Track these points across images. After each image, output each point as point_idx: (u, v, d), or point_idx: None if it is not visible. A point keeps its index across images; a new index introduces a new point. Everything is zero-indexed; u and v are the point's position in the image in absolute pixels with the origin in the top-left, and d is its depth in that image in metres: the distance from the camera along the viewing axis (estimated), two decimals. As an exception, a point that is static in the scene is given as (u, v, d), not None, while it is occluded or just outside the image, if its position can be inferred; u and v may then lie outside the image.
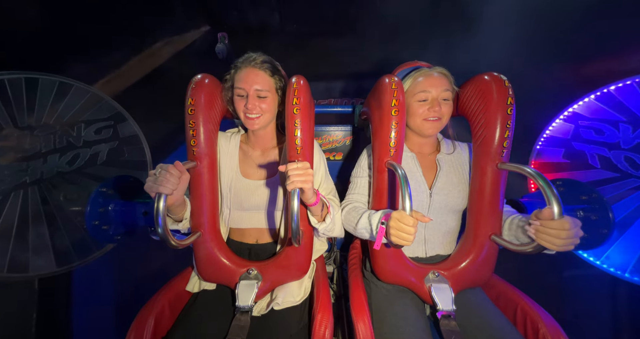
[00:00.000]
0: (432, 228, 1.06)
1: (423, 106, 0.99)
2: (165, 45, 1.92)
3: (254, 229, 1.11)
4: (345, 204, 1.07)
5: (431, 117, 0.99)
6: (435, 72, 0.99)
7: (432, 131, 1.01)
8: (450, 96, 1.00)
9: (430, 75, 0.99)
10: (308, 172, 0.82)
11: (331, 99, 2.17)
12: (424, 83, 0.99)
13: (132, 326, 0.89)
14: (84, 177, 1.61)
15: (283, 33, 1.94)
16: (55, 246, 1.46)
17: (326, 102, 2.14)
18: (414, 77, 1.02)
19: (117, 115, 1.73)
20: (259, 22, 1.85)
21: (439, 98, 0.98)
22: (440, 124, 1.00)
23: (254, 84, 0.97)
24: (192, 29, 1.92)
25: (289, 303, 1.00)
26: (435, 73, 0.99)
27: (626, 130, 1.60)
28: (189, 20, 1.90)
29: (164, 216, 0.77)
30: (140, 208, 1.39)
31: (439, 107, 0.97)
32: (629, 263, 1.50)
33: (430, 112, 0.98)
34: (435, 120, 0.99)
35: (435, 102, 0.98)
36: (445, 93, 0.98)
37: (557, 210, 0.73)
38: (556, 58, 1.81)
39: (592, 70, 1.74)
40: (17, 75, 1.44)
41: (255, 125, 1.01)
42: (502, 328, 0.89)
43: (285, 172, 0.82)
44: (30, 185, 1.45)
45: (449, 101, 1.00)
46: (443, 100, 0.98)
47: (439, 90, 0.97)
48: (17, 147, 1.44)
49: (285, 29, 1.90)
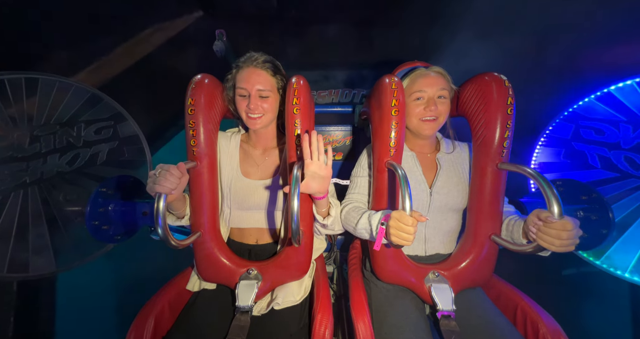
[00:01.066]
0: (432, 227, 1.06)
1: (419, 105, 0.99)
2: (155, 32, 1.79)
3: (254, 229, 1.11)
4: (345, 203, 1.07)
5: (427, 117, 0.99)
6: (432, 72, 1.00)
7: (429, 131, 1.01)
8: (447, 95, 1.00)
9: (427, 75, 0.99)
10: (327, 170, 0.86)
11: (331, 89, 2.09)
12: (420, 83, 0.99)
13: (132, 326, 0.89)
14: (84, 177, 1.61)
15: (281, 19, 1.81)
16: (55, 246, 1.46)
17: (326, 93, 2.07)
18: (411, 78, 1.02)
19: (117, 115, 1.73)
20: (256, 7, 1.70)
21: (434, 97, 0.98)
22: (436, 123, 1.00)
23: (256, 84, 0.97)
24: (184, 14, 1.78)
25: (289, 302, 1.00)
26: (431, 73, 0.99)
27: (626, 130, 1.60)
28: (180, 5, 1.75)
29: (164, 216, 0.77)
30: (140, 208, 1.39)
31: (434, 107, 0.97)
32: (629, 263, 1.50)
33: (426, 112, 0.98)
34: (431, 120, 0.99)
35: (431, 101, 0.98)
36: (442, 92, 0.98)
37: (557, 210, 0.73)
38: (556, 57, 1.81)
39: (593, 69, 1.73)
40: (17, 75, 1.44)
41: (257, 125, 1.01)
42: (502, 328, 0.89)
43: (293, 170, 0.83)
44: (30, 185, 1.45)
45: (446, 100, 1.00)
46: (439, 98, 0.98)
47: (435, 89, 0.98)
48: (17, 147, 1.44)
49: (283, 15, 1.76)
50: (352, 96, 2.07)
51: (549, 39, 1.76)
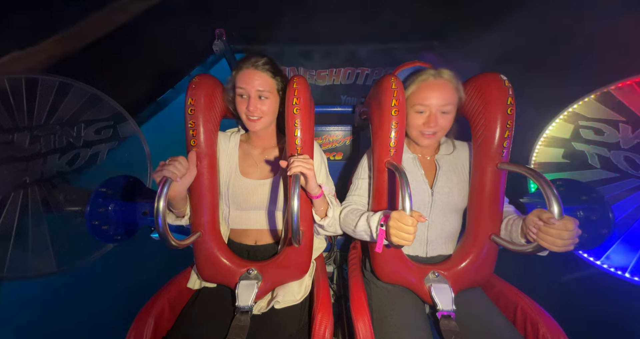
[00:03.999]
0: (434, 229, 1.05)
1: (420, 118, 0.97)
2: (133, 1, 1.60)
3: (253, 230, 1.11)
4: (345, 205, 1.07)
5: (427, 132, 0.97)
6: (440, 80, 0.95)
7: (427, 144, 1.01)
8: (452, 109, 0.96)
9: (434, 85, 0.95)
10: (309, 162, 0.86)
11: (332, 68, 1.83)
12: (425, 94, 0.95)
13: (132, 326, 0.89)
14: (84, 177, 1.61)
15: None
16: (55, 246, 1.46)
17: (327, 73, 1.85)
18: (417, 85, 0.98)
19: (117, 115, 1.73)
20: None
21: (437, 112, 0.95)
22: (435, 138, 0.99)
23: (255, 85, 0.97)
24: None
25: (290, 301, 1.00)
26: (440, 81, 0.95)
27: (626, 130, 1.60)
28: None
29: (164, 216, 0.77)
30: (140, 208, 1.39)
31: (434, 123, 0.95)
32: (629, 262, 1.50)
33: (425, 127, 0.97)
34: (430, 134, 0.98)
35: (432, 118, 0.95)
36: (446, 107, 0.95)
37: (557, 210, 0.73)
38: (556, 57, 1.81)
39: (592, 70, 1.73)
40: (17, 75, 1.44)
41: (256, 127, 1.01)
42: (502, 328, 0.89)
43: (286, 165, 0.86)
44: (30, 185, 1.45)
45: (449, 115, 0.97)
46: (442, 113, 0.96)
47: (440, 103, 0.94)
48: (17, 147, 1.44)
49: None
50: (355, 76, 1.84)
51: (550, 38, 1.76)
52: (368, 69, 1.84)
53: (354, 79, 1.86)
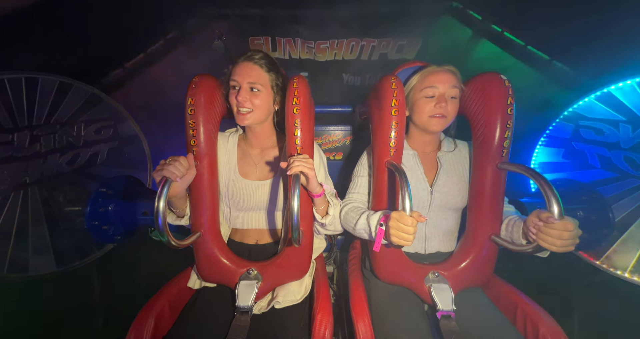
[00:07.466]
0: (432, 226, 1.06)
1: (430, 102, 0.99)
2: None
3: (253, 230, 1.11)
4: (345, 203, 1.07)
5: (437, 114, 0.98)
6: (445, 69, 0.99)
7: (437, 128, 1.01)
8: (458, 94, 0.99)
9: (439, 72, 0.99)
10: (309, 161, 0.86)
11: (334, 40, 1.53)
12: (432, 79, 0.99)
13: (132, 326, 0.89)
14: (84, 177, 1.61)
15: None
16: (55, 246, 1.46)
17: (327, 45, 1.59)
18: (422, 74, 1.01)
19: (117, 115, 1.73)
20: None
21: (446, 95, 0.98)
22: (445, 122, 1.00)
23: (247, 77, 0.96)
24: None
25: (290, 301, 1.00)
26: (444, 70, 0.99)
27: (626, 130, 1.60)
28: None
29: (164, 215, 0.77)
30: (140, 208, 1.39)
31: (445, 103, 0.97)
32: (629, 263, 1.50)
33: (436, 109, 0.98)
34: (440, 117, 0.99)
35: (442, 99, 0.97)
36: (453, 90, 0.97)
37: (557, 210, 0.73)
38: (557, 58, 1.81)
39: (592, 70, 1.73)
40: (17, 75, 1.44)
41: (245, 121, 0.99)
42: (502, 328, 0.89)
43: (286, 166, 0.86)
44: (30, 185, 1.45)
45: (456, 99, 0.99)
46: (450, 98, 0.98)
47: (447, 86, 0.97)
48: (17, 147, 1.44)
49: None
50: (360, 49, 1.58)
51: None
52: (374, 40, 1.61)
53: (358, 53, 1.62)
